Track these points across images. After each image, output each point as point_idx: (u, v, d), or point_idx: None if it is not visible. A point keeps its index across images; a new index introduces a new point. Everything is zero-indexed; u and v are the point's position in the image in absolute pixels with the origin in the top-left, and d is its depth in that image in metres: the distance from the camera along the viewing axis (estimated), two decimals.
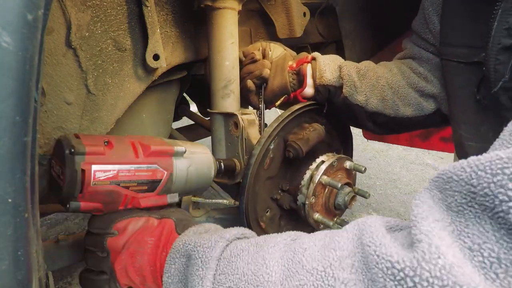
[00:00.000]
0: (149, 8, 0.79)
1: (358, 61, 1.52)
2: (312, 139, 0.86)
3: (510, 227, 0.30)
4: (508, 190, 0.29)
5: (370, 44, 1.50)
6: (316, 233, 0.49)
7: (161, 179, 0.67)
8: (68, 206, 0.58)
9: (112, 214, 0.63)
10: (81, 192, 0.58)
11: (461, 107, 0.78)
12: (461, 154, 0.80)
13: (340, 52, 1.55)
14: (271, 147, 0.86)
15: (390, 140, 1.93)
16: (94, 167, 0.58)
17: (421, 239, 0.32)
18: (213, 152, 1.02)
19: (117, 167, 0.60)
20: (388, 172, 3.49)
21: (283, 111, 0.94)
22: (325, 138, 0.94)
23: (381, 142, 1.97)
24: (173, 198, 0.71)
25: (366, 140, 2.02)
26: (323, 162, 0.90)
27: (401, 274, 0.32)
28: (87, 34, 0.73)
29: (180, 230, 0.62)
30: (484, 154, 0.33)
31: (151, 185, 0.66)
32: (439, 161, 3.73)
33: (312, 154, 0.92)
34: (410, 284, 0.31)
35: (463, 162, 0.34)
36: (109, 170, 0.60)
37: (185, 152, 0.71)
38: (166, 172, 0.67)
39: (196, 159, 0.74)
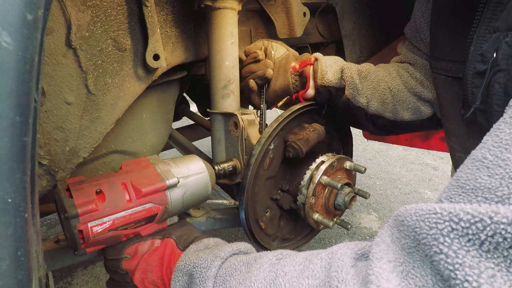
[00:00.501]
0: (149, 8, 0.79)
1: (358, 60, 1.53)
2: (312, 139, 0.86)
3: (442, 275, 0.33)
4: (440, 243, 0.33)
5: (370, 44, 1.50)
6: (300, 254, 0.54)
7: (157, 213, 0.70)
8: (75, 253, 0.65)
9: (120, 243, 0.71)
10: (83, 244, 0.63)
11: (449, 120, 0.78)
12: (454, 164, 0.81)
13: (340, 52, 1.55)
14: (271, 147, 0.86)
15: (390, 140, 1.93)
16: (90, 224, 0.61)
17: (372, 280, 0.37)
18: (213, 152, 1.02)
19: (112, 217, 0.64)
20: (388, 172, 3.49)
21: (283, 111, 0.94)
22: (325, 138, 0.94)
23: (381, 142, 1.97)
24: (172, 220, 0.76)
25: (366, 140, 2.02)
26: (323, 162, 0.90)
27: None
28: (87, 34, 0.73)
29: (181, 246, 0.70)
30: (427, 204, 0.37)
31: (149, 219, 0.70)
32: (439, 161, 3.73)
33: (312, 154, 0.92)
34: None
35: (411, 208, 0.38)
36: (105, 222, 0.63)
37: (178, 182, 0.71)
38: (161, 207, 0.69)
39: (191, 184, 0.75)
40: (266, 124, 1.02)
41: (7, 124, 0.33)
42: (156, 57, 0.83)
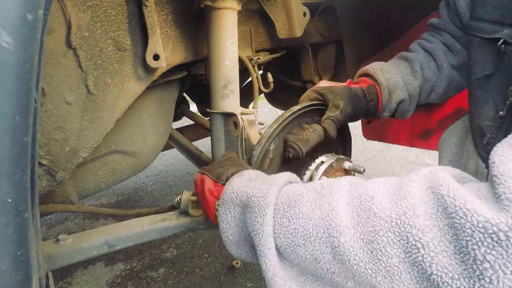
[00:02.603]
0: (149, 8, 0.79)
1: (358, 60, 1.53)
2: (312, 140, 0.86)
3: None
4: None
5: (370, 44, 1.50)
6: (375, 181, 0.52)
7: None
8: None
9: None
10: None
11: (473, 83, 0.78)
12: (472, 132, 0.82)
13: (340, 52, 1.56)
14: (271, 147, 0.86)
15: (390, 140, 1.92)
16: None
17: None
18: (213, 152, 1.02)
19: None
20: (388, 172, 3.49)
21: (283, 110, 0.94)
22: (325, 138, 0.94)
23: (381, 142, 1.97)
24: None
25: (366, 140, 2.02)
26: (322, 162, 0.90)
27: (494, 229, 0.36)
28: (87, 34, 0.73)
29: (220, 180, 0.73)
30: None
31: None
32: None
33: (311, 154, 0.92)
34: (503, 238, 0.36)
35: (476, 217, 0.38)
36: None
37: None
38: None
39: None
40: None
41: (7, 124, 0.33)
42: (156, 57, 0.83)
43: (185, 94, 1.81)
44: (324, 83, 0.97)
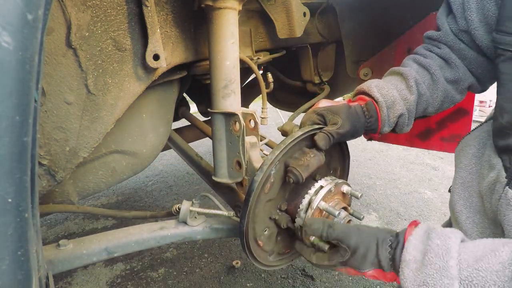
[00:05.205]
0: (149, 8, 0.79)
1: (358, 60, 1.52)
2: (312, 166, 0.86)
3: None
4: None
5: (370, 44, 1.50)
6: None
7: None
8: None
9: None
10: None
11: (509, 97, 0.78)
12: (502, 143, 0.81)
13: (340, 52, 1.56)
14: (273, 172, 0.86)
15: (390, 140, 1.93)
16: None
17: None
18: (214, 152, 1.02)
19: None
20: (388, 172, 3.49)
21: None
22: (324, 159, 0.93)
23: (381, 142, 1.97)
24: None
25: (366, 140, 2.02)
26: (321, 187, 0.90)
27: None
28: (87, 34, 0.73)
29: None
30: None
31: None
32: (439, 161, 3.72)
33: (311, 175, 0.92)
34: None
35: None
36: None
37: None
38: None
39: None
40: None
41: (7, 124, 0.33)
42: (156, 57, 0.83)
43: (185, 94, 1.81)
44: (324, 103, 0.96)
